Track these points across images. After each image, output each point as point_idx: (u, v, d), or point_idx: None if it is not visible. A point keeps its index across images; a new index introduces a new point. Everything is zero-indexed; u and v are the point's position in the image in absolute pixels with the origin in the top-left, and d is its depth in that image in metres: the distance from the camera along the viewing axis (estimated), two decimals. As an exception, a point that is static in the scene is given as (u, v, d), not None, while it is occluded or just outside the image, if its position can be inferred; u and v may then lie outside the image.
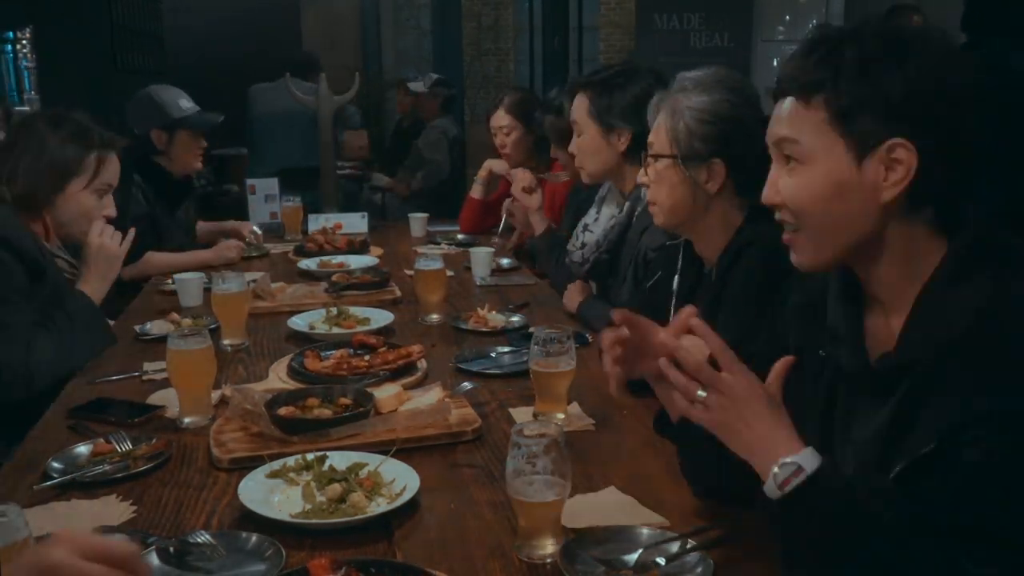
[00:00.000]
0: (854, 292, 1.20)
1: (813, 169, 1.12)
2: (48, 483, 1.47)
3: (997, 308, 1.04)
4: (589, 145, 2.42)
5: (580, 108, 2.42)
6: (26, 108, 7.05)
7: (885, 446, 1.10)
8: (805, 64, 1.12)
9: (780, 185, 1.17)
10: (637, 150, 2.29)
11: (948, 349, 1.04)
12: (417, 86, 6.48)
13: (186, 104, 3.36)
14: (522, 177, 3.09)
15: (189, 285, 2.64)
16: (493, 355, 2.11)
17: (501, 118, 3.64)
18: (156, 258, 3.16)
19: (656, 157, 1.78)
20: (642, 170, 1.83)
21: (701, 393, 1.14)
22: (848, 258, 1.17)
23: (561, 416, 1.72)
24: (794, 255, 1.20)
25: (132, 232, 2.42)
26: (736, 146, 1.73)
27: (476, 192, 3.72)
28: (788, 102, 1.15)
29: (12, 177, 2.20)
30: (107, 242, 2.32)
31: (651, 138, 1.80)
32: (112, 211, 2.37)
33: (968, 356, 1.02)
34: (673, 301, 1.95)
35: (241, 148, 5.45)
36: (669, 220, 1.82)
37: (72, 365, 2.05)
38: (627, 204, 2.47)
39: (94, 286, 2.28)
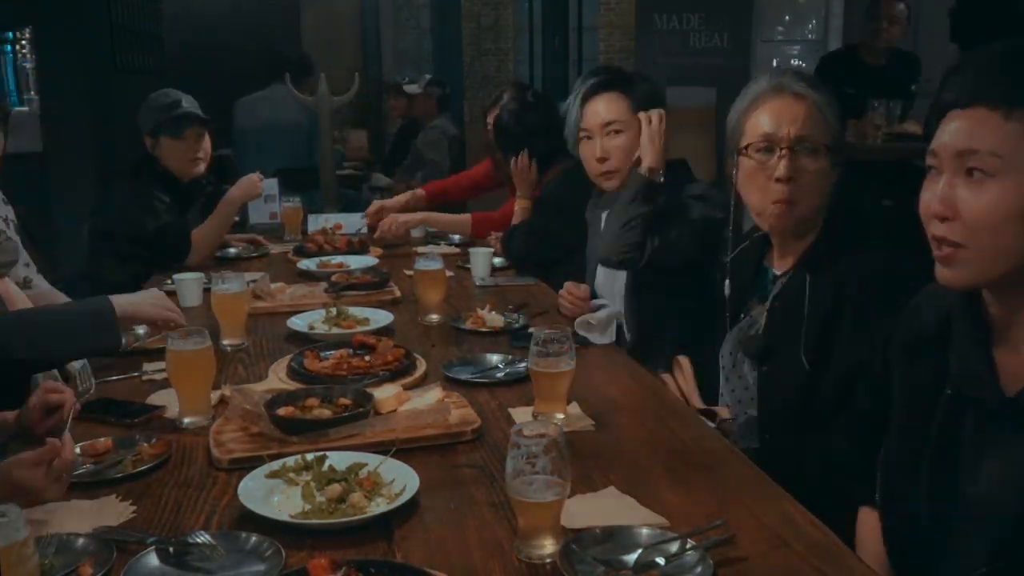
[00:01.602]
0: (983, 328, 1.19)
1: (1004, 183, 1.09)
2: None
3: None
4: (632, 142, 2.38)
5: (620, 106, 2.39)
6: (25, 109, 7.04)
7: None
8: (1006, 73, 1.10)
9: (957, 199, 1.13)
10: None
11: None
12: (412, 88, 6.49)
13: (172, 105, 3.28)
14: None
15: (189, 285, 2.64)
16: (486, 362, 2.07)
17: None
18: (201, 233, 3.25)
19: (817, 150, 1.75)
20: (781, 165, 1.74)
21: None
22: (1006, 281, 1.14)
23: (561, 416, 1.72)
24: (947, 271, 1.16)
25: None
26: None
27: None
28: (975, 111, 1.11)
29: None
30: (165, 309, 2.09)
31: (805, 131, 1.75)
32: None
33: None
34: (728, 297, 1.97)
35: (230, 149, 5.44)
36: (806, 219, 1.78)
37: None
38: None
39: (122, 301, 2.03)
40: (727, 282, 2.01)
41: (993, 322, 1.19)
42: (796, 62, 7.31)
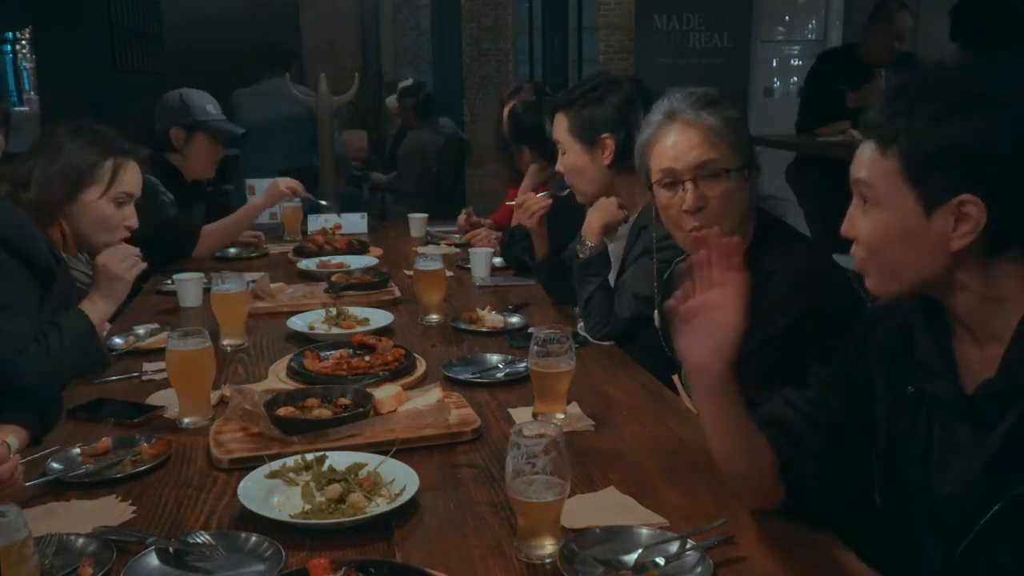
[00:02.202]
0: (942, 323, 1.22)
1: (883, 213, 1.17)
2: (38, 481, 1.47)
3: None
4: (575, 163, 2.39)
5: (560, 127, 2.39)
6: (25, 108, 7.05)
7: (995, 476, 1.12)
8: (886, 111, 1.16)
9: (856, 222, 1.21)
10: (623, 160, 2.29)
11: None
12: (391, 101, 6.36)
13: (212, 110, 3.39)
14: (527, 206, 2.78)
15: (188, 286, 2.64)
16: (486, 362, 2.07)
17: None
18: (213, 229, 3.26)
19: (721, 173, 1.75)
20: (688, 199, 1.76)
21: None
22: (920, 293, 1.20)
23: (560, 416, 1.72)
24: (868, 281, 1.24)
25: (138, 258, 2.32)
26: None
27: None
28: (869, 147, 1.18)
29: (26, 182, 2.18)
30: (111, 264, 2.23)
31: (703, 157, 1.75)
32: (134, 222, 2.33)
33: None
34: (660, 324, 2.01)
35: (236, 148, 5.42)
36: (738, 233, 1.77)
37: (57, 383, 1.93)
38: (633, 228, 2.38)
39: (99, 307, 2.19)
40: (656, 313, 2.05)
41: (954, 319, 1.21)
42: (796, 62, 7.32)
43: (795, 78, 7.26)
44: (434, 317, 2.46)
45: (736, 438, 1.37)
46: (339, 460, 1.48)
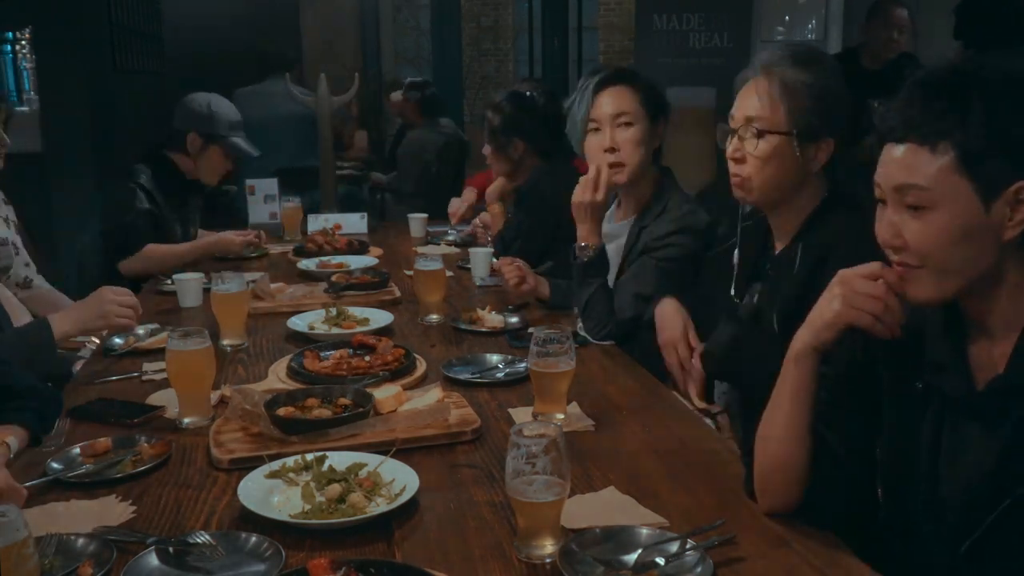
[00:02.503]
0: (957, 322, 1.22)
1: (941, 213, 1.14)
2: (38, 481, 1.47)
3: None
4: (642, 136, 2.36)
5: (631, 99, 2.37)
6: (25, 109, 7.04)
7: (1003, 473, 1.12)
8: (929, 110, 1.14)
9: (904, 230, 1.18)
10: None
11: None
12: (396, 96, 6.36)
13: (236, 125, 3.38)
14: (509, 273, 2.59)
15: (188, 285, 2.64)
16: (486, 362, 2.07)
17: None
18: (155, 250, 3.18)
19: (763, 133, 1.75)
20: (731, 146, 1.79)
21: None
22: (965, 292, 1.19)
23: (560, 416, 1.72)
24: (911, 289, 1.20)
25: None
26: (842, 125, 1.77)
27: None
28: (906, 147, 1.16)
29: None
30: (108, 302, 2.18)
31: (754, 112, 1.76)
32: None
33: None
34: (735, 273, 1.97)
35: None
36: (766, 197, 1.80)
37: None
38: (633, 228, 2.39)
39: (66, 321, 2.14)
40: (735, 260, 2.00)
41: (968, 315, 1.21)
42: (796, 62, 7.31)
43: (795, 78, 7.26)
44: (434, 317, 2.46)
45: (807, 418, 1.33)
46: (339, 460, 1.48)
